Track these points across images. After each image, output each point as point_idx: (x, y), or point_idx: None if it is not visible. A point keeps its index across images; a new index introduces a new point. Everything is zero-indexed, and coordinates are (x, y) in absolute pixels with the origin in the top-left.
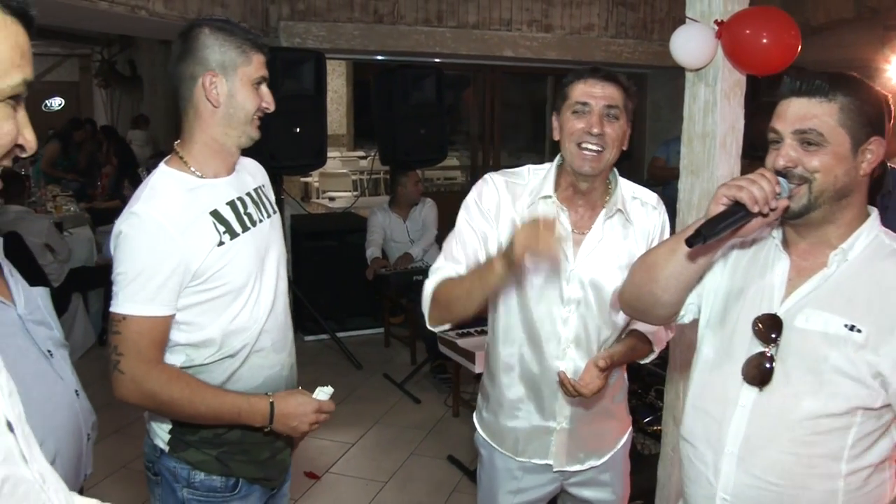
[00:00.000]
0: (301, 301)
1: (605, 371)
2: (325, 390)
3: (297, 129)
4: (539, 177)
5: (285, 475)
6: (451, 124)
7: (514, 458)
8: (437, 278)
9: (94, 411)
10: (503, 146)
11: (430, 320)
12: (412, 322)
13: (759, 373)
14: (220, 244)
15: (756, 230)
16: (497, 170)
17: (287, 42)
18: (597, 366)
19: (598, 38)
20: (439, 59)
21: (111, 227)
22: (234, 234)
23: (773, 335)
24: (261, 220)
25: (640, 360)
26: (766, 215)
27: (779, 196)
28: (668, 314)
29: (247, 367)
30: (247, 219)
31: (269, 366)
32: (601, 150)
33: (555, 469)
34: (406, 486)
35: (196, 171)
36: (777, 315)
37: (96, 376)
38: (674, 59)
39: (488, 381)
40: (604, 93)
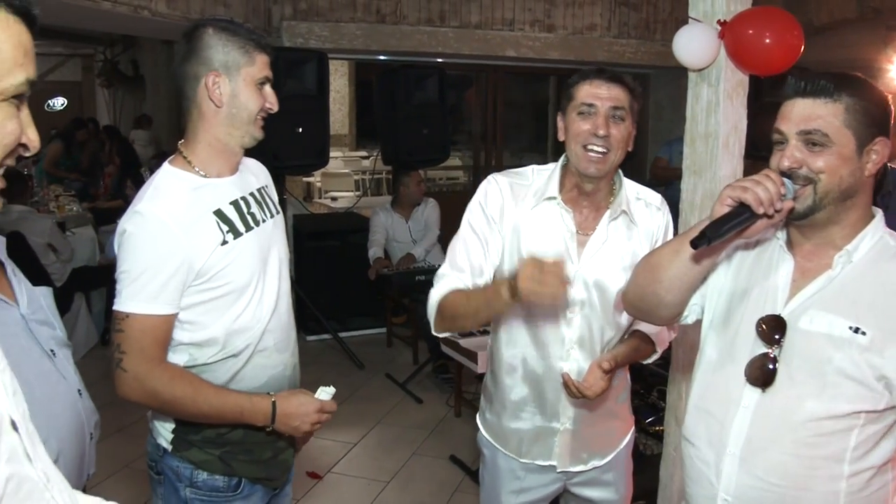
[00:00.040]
0: (303, 301)
1: (609, 373)
2: (327, 390)
3: (300, 129)
4: (543, 177)
5: (288, 475)
6: (453, 124)
7: (518, 460)
8: (442, 289)
9: (96, 411)
10: (506, 146)
11: (436, 328)
12: (414, 322)
13: (762, 374)
14: (224, 243)
15: (761, 231)
16: (499, 170)
17: (289, 42)
18: (601, 367)
19: (600, 39)
20: (442, 59)
21: (114, 227)
22: (237, 234)
23: (776, 336)
24: (264, 220)
25: (643, 361)
26: (770, 217)
27: (784, 197)
28: (671, 315)
29: (250, 367)
30: (250, 218)
31: (272, 366)
32: (606, 152)
33: (559, 470)
34: (408, 485)
35: (200, 171)
36: (781, 316)
37: (99, 376)
38: (676, 59)
39: (491, 382)
40: (609, 94)
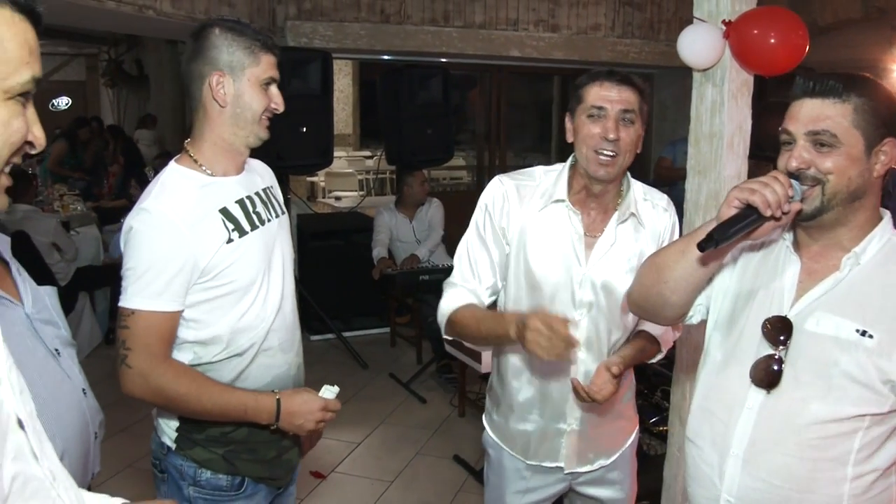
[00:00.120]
0: (307, 300)
1: (618, 377)
2: (331, 389)
3: (304, 129)
4: (551, 178)
5: (292, 475)
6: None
7: (525, 461)
8: (453, 302)
9: (101, 410)
10: (509, 146)
11: (445, 333)
12: (418, 322)
13: (767, 375)
14: (229, 241)
15: (768, 233)
16: (503, 169)
17: (294, 42)
18: (609, 371)
19: (604, 38)
20: (446, 59)
21: (118, 227)
22: (242, 232)
23: (781, 337)
24: (269, 220)
25: (648, 361)
26: (778, 219)
27: (791, 199)
28: (676, 315)
29: (254, 367)
30: (255, 217)
31: (276, 365)
32: (616, 155)
33: (566, 471)
34: (412, 485)
35: (206, 170)
36: (787, 317)
37: (103, 375)
38: (681, 59)
39: (498, 384)
40: (620, 97)
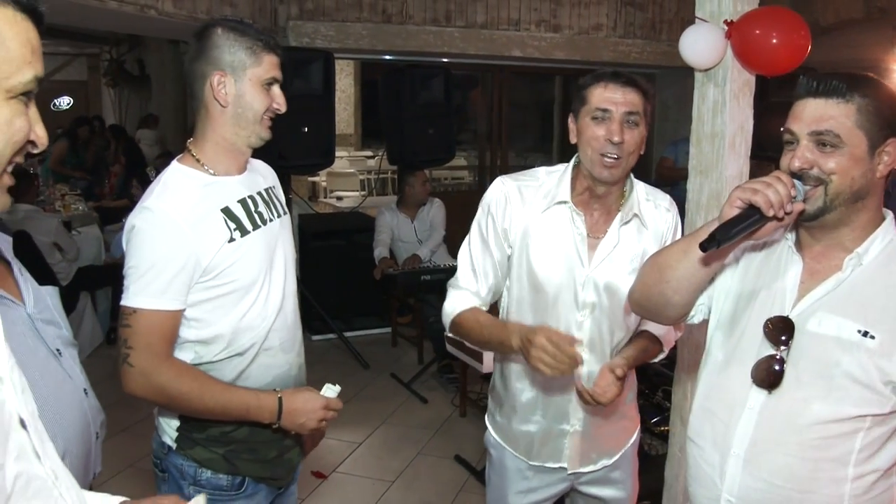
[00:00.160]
0: (308, 300)
1: (622, 378)
2: (332, 388)
3: (306, 129)
4: (554, 179)
5: (293, 475)
6: (458, 124)
7: (527, 462)
8: (457, 304)
9: (102, 410)
10: (511, 146)
11: (450, 331)
12: (419, 322)
13: (768, 375)
14: (231, 241)
15: (770, 233)
16: (505, 170)
17: (295, 42)
18: (613, 373)
19: (606, 39)
20: (447, 59)
21: (119, 227)
22: (244, 232)
23: (783, 337)
24: (271, 220)
25: (650, 361)
26: (781, 219)
27: (794, 199)
28: (678, 315)
29: (255, 366)
30: (257, 217)
31: (277, 365)
32: (620, 158)
33: (569, 472)
34: (413, 485)
35: (208, 169)
36: (788, 317)
37: (104, 375)
38: (683, 59)
39: (501, 385)
40: (625, 99)
